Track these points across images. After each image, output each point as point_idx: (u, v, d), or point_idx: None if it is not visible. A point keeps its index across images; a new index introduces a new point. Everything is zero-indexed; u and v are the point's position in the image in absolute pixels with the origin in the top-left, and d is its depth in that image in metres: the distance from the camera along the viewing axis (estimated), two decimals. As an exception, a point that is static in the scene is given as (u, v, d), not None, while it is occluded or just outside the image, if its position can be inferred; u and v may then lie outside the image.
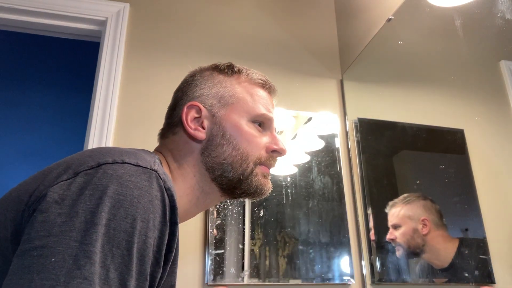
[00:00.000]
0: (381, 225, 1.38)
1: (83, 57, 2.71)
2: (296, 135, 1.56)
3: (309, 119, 1.58)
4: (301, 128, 1.57)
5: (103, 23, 1.56)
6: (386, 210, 1.35)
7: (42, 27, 1.58)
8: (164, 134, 0.76)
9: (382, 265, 1.36)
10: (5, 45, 2.73)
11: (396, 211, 1.32)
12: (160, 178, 0.54)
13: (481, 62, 1.15)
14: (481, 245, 1.09)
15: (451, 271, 1.16)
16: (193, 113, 0.71)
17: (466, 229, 1.16)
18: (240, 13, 1.72)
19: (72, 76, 2.95)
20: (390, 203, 1.34)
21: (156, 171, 0.54)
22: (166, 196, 0.53)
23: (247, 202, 1.39)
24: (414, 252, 1.25)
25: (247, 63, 1.68)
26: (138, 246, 0.48)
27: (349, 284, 1.37)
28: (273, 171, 1.47)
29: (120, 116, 1.41)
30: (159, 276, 0.53)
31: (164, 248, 0.52)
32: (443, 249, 1.18)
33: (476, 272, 1.09)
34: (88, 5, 1.56)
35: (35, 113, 3.20)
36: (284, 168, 1.49)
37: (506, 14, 1.02)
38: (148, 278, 0.50)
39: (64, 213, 0.47)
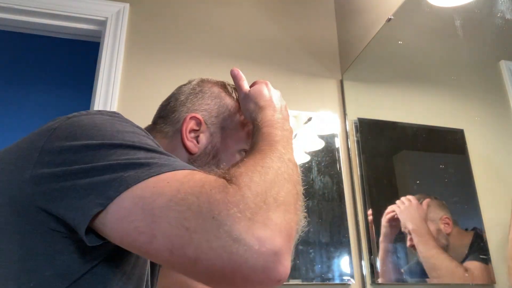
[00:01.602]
0: (381, 225, 1.38)
1: (83, 57, 2.71)
2: (296, 135, 1.56)
3: (309, 119, 1.58)
4: (301, 128, 1.57)
5: (103, 23, 1.56)
6: (396, 216, 1.30)
7: (42, 27, 1.58)
8: (150, 133, 0.76)
9: (383, 265, 1.36)
10: (5, 45, 2.73)
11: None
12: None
13: (481, 62, 1.15)
14: (481, 245, 1.09)
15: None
16: (192, 125, 0.72)
17: (466, 229, 1.16)
18: (240, 13, 1.72)
19: (72, 76, 2.95)
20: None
21: (118, 113, 0.57)
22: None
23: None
24: None
25: (247, 63, 1.68)
26: (150, 140, 0.51)
27: (349, 284, 1.37)
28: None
29: (120, 116, 1.41)
30: None
31: None
32: (461, 245, 1.15)
33: (476, 272, 1.09)
34: (88, 5, 1.56)
35: (35, 113, 3.20)
36: (284, 168, 1.49)
37: (506, 14, 1.02)
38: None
39: (74, 146, 0.48)
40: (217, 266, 0.41)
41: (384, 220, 1.33)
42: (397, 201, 1.29)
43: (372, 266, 1.37)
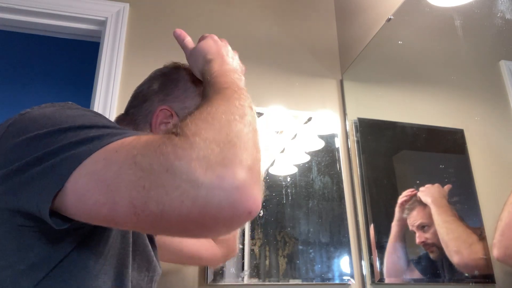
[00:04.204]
0: (381, 225, 1.38)
1: (83, 57, 2.71)
2: (296, 135, 1.56)
3: (309, 119, 1.58)
4: (301, 128, 1.57)
5: (103, 23, 1.56)
6: (404, 215, 1.30)
7: (42, 27, 1.58)
8: (122, 123, 0.74)
9: (382, 265, 1.36)
10: (5, 45, 2.73)
11: (419, 212, 1.25)
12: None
13: (481, 62, 1.15)
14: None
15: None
16: (162, 117, 0.70)
17: (466, 229, 1.16)
18: (240, 14, 1.72)
19: (72, 76, 2.95)
20: (407, 205, 1.30)
21: (72, 103, 0.57)
22: None
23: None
24: None
25: (247, 63, 1.67)
26: (103, 118, 0.52)
27: (349, 284, 1.37)
28: (273, 171, 1.47)
29: (120, 116, 1.41)
30: None
31: None
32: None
33: (476, 272, 1.10)
34: (88, 5, 1.56)
35: (35, 113, 3.20)
36: (284, 168, 1.49)
37: (506, 14, 1.02)
38: None
39: (26, 139, 0.48)
40: (183, 214, 0.40)
41: (397, 205, 1.32)
42: (420, 188, 1.29)
43: (372, 266, 1.37)
